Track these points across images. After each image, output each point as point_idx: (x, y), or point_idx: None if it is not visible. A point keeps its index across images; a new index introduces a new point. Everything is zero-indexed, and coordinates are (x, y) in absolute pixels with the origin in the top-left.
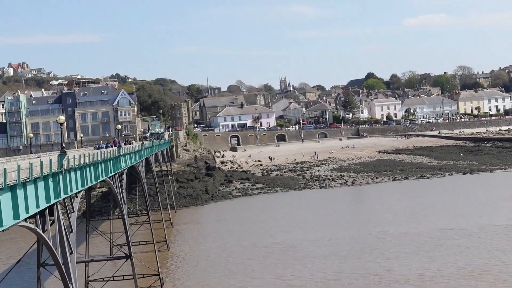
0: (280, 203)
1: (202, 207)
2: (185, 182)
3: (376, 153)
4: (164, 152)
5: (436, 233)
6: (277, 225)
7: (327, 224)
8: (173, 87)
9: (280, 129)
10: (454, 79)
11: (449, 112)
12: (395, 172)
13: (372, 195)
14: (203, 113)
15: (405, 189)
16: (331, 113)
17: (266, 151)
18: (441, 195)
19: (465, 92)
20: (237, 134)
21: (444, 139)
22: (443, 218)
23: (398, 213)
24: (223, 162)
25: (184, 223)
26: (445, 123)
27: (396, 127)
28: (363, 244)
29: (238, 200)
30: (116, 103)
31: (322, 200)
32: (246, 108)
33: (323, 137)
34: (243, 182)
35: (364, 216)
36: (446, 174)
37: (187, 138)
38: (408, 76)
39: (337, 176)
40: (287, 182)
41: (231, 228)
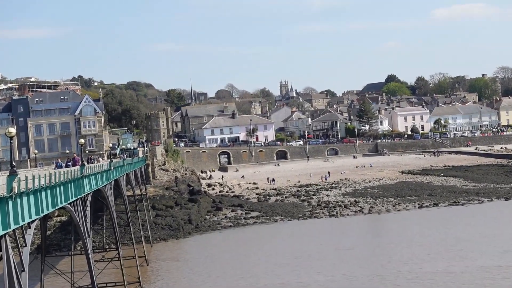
0: (280, 235)
1: (184, 240)
2: (163, 209)
3: (399, 174)
4: (137, 173)
5: (479, 272)
6: (276, 262)
7: (339, 261)
8: (149, 92)
9: (280, 144)
10: (495, 83)
11: (488, 123)
12: (421, 198)
13: (393, 225)
14: (186, 124)
15: (435, 218)
16: (343, 125)
17: (263, 171)
18: (479, 225)
19: (508, 99)
20: (227, 151)
21: (482, 156)
22: (486, 254)
23: (428, 247)
24: (210, 184)
25: (162, 260)
26: (483, 137)
27: (423, 142)
28: (387, 286)
29: (228, 232)
30: (79, 112)
31: (332, 232)
32: (239, 118)
33: (333, 154)
34: (234, 209)
35: (386, 252)
36: (485, 199)
37: (166, 156)
38: (438, 79)
39: (351, 202)
40: (289, 209)
41: (220, 267)
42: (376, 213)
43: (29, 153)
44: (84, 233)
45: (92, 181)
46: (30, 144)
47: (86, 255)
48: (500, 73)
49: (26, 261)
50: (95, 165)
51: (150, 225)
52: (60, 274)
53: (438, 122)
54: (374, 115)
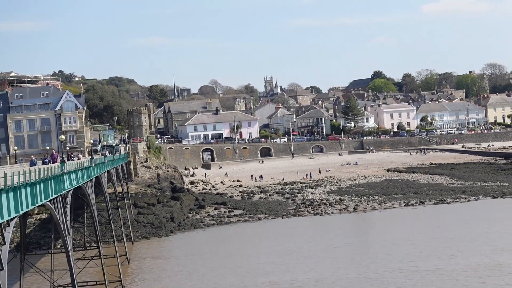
0: (264, 234)
1: (166, 238)
2: (145, 207)
3: (385, 171)
4: (119, 170)
5: (469, 270)
6: (263, 261)
7: (327, 260)
8: (131, 88)
9: (264, 141)
10: (482, 80)
11: (475, 121)
12: (408, 196)
13: (380, 224)
14: (169, 120)
15: (421, 217)
16: (328, 122)
17: (247, 168)
18: (467, 224)
19: (495, 96)
20: (210, 148)
21: (469, 154)
22: (475, 252)
23: (415, 246)
24: (193, 182)
25: (144, 259)
26: (470, 134)
27: (410, 140)
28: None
29: (211, 230)
30: (59, 108)
31: (317, 231)
32: (223, 114)
33: (318, 151)
34: (218, 207)
35: (373, 250)
36: (472, 198)
37: (148, 152)
38: (425, 75)
39: (336, 200)
40: (273, 207)
41: (203, 265)
42: (361, 212)
43: (8, 150)
44: (64, 231)
45: (72, 178)
46: (10, 140)
47: (66, 254)
48: (488, 69)
49: (5, 259)
50: (75, 162)
51: (132, 223)
52: (40, 272)
53: (425, 119)
54: (360, 112)
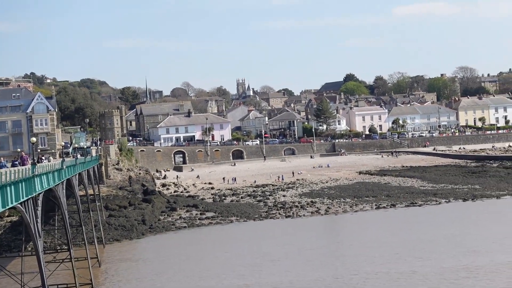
0: (236, 236)
1: (137, 241)
2: (116, 209)
3: (356, 174)
4: (90, 172)
5: (443, 272)
6: (232, 264)
7: (300, 262)
8: (103, 90)
9: (236, 143)
10: (454, 83)
11: (447, 123)
12: (379, 198)
13: (352, 226)
14: (140, 123)
15: (393, 219)
16: (300, 124)
17: (218, 171)
18: (438, 226)
19: (466, 99)
20: (182, 150)
21: (440, 157)
22: (448, 254)
23: (389, 248)
24: (165, 184)
25: (115, 261)
26: (441, 137)
27: (381, 142)
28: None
29: (183, 233)
30: (31, 110)
31: (290, 233)
32: (195, 117)
33: (290, 153)
34: (189, 209)
35: (346, 252)
36: (443, 200)
37: (120, 155)
38: (397, 78)
39: (307, 203)
40: (245, 210)
41: (175, 268)
42: (333, 214)
43: None
44: (35, 234)
45: (43, 181)
46: None
47: (37, 256)
48: (459, 73)
49: None
50: (46, 164)
51: (103, 225)
52: (10, 275)
53: (396, 122)
54: (331, 115)
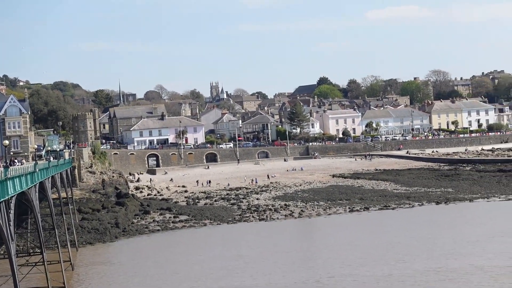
0: (210, 239)
1: (111, 244)
2: (89, 212)
3: (330, 177)
4: (63, 175)
5: (418, 275)
6: (208, 267)
7: (273, 265)
8: (76, 93)
9: (210, 146)
10: (427, 87)
11: (420, 127)
12: (352, 202)
13: (326, 229)
14: (114, 126)
15: (366, 222)
16: (274, 128)
17: (192, 174)
18: (412, 229)
19: (439, 102)
20: (156, 153)
21: (413, 160)
22: (423, 257)
23: (363, 251)
24: (138, 187)
25: (88, 265)
26: (415, 140)
27: (355, 146)
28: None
29: (156, 236)
30: (3, 113)
31: (263, 236)
32: (168, 120)
33: (264, 157)
34: (163, 213)
35: (321, 255)
36: (416, 204)
37: (93, 158)
38: (370, 82)
39: (281, 206)
40: (219, 213)
41: (148, 272)
42: (306, 217)
43: None
44: (7, 237)
45: (16, 184)
46: None
47: (10, 260)
48: (432, 76)
49: None
50: (19, 167)
51: (76, 228)
52: None
53: (370, 125)
54: (305, 118)
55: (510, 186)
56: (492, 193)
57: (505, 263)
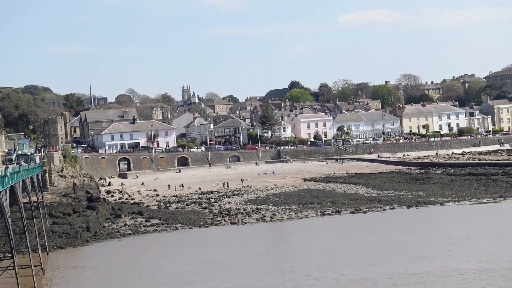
0: (182, 243)
1: (82, 248)
2: (60, 216)
3: (301, 181)
4: (34, 179)
5: (392, 278)
6: (181, 271)
7: (246, 269)
8: (47, 96)
9: (181, 150)
10: (398, 91)
11: (391, 131)
12: (324, 205)
13: (297, 233)
14: (85, 129)
15: (338, 226)
16: (245, 131)
17: (163, 178)
18: (384, 233)
19: (410, 106)
20: (127, 157)
21: (384, 164)
22: (396, 261)
23: (335, 255)
24: (110, 191)
25: (59, 269)
26: (386, 144)
27: (326, 149)
28: None
29: (128, 240)
30: None
31: (235, 240)
32: (139, 124)
33: (235, 160)
34: (134, 217)
35: (293, 259)
36: (387, 207)
37: (64, 162)
38: (342, 86)
39: (253, 209)
40: (190, 217)
41: (120, 276)
42: (278, 221)
43: None
44: None
45: None
46: None
47: None
48: (403, 80)
49: None
50: None
51: (47, 233)
52: None
53: (341, 129)
54: (277, 122)
55: (481, 190)
56: (462, 197)
57: (478, 266)
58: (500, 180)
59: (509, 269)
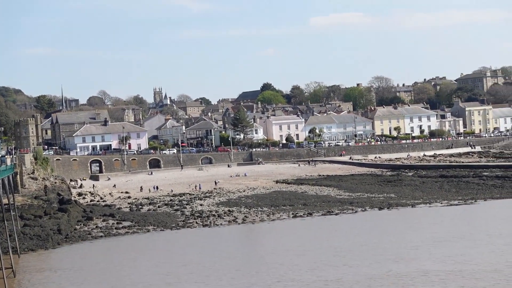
0: (153, 245)
1: (53, 251)
2: (32, 219)
3: (273, 183)
4: (5, 181)
5: (367, 280)
6: (150, 274)
7: (219, 271)
8: (18, 98)
9: (153, 152)
10: (369, 93)
11: (362, 133)
12: (296, 207)
13: (270, 235)
14: (56, 131)
15: (310, 228)
16: (217, 133)
17: (135, 180)
18: (356, 235)
19: (382, 108)
20: (99, 159)
21: (356, 166)
22: (370, 262)
23: (309, 256)
24: (81, 194)
25: (30, 271)
26: (357, 146)
27: (298, 151)
28: None
29: (99, 242)
30: None
31: (207, 242)
32: (111, 125)
33: (207, 162)
34: (106, 219)
35: (266, 261)
36: (359, 209)
37: (35, 164)
38: (314, 88)
39: (225, 212)
40: (162, 219)
41: (92, 279)
42: (250, 223)
43: None
44: None
45: None
46: None
47: None
48: (375, 82)
49: None
50: None
51: (18, 235)
52: None
53: (313, 131)
54: (249, 124)
55: (452, 192)
56: (434, 199)
57: (451, 267)
58: (471, 182)
59: (485, 271)
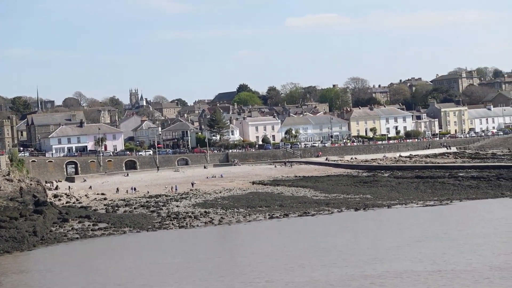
0: (129, 247)
1: (28, 253)
2: (7, 220)
3: (250, 184)
4: None
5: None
6: (126, 275)
7: (196, 273)
8: None
9: (129, 154)
10: (345, 94)
11: (339, 134)
12: (272, 208)
13: (246, 236)
14: (32, 133)
15: (287, 229)
16: (194, 135)
17: (111, 181)
18: (333, 236)
19: (358, 109)
20: (75, 160)
21: (332, 167)
22: (349, 263)
23: (287, 258)
24: (57, 195)
25: (6, 273)
26: (334, 147)
27: (274, 152)
28: None
29: (75, 244)
30: None
31: (183, 243)
32: (87, 127)
33: (184, 164)
34: (82, 221)
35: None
36: (335, 210)
37: (11, 165)
38: (290, 89)
39: (201, 213)
40: (138, 220)
41: (67, 281)
42: (226, 224)
43: None
44: None
45: None
46: None
47: None
48: (351, 83)
49: None
50: None
51: None
52: None
53: (289, 132)
54: (225, 125)
55: (428, 192)
56: (410, 199)
57: (430, 267)
58: (446, 182)
59: (462, 271)
